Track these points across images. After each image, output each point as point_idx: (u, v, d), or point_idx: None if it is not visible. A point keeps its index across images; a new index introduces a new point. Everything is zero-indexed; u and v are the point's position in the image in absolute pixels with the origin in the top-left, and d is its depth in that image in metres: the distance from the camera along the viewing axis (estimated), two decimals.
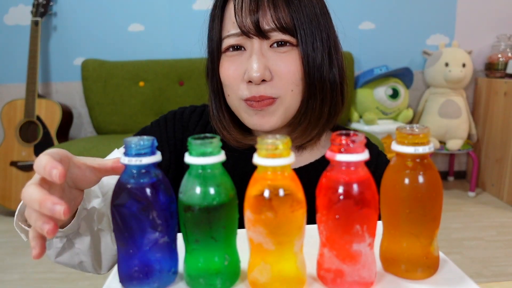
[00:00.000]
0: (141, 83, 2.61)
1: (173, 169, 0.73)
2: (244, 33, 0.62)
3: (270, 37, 0.62)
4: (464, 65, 2.62)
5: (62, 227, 0.58)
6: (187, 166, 0.40)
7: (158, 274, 0.41)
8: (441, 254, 0.45)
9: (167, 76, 2.62)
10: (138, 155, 0.39)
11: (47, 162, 0.44)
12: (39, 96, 2.49)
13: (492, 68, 2.73)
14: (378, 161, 0.72)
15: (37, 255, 0.45)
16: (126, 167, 0.40)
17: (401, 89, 2.65)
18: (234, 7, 0.63)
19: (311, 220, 0.43)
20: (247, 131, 0.71)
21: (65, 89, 2.79)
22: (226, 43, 0.65)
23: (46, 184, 0.47)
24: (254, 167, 0.39)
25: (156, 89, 2.62)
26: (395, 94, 2.63)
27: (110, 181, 0.66)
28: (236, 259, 0.42)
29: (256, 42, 0.63)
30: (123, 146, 0.40)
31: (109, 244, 0.68)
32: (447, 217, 2.43)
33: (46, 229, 0.42)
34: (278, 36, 0.62)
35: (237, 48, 0.65)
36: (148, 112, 2.63)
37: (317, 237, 0.41)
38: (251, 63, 0.62)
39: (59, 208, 0.41)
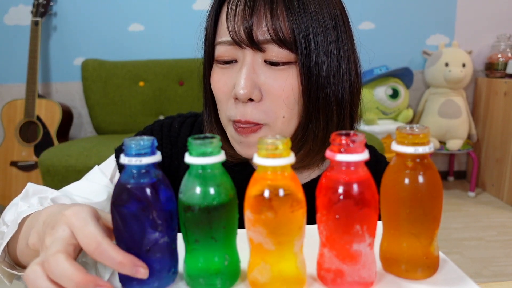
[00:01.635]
0: (141, 83, 2.61)
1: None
2: (236, 42, 0.54)
3: (264, 50, 0.54)
4: (464, 65, 2.62)
5: None
6: (176, 184, 0.40)
7: (158, 274, 0.41)
8: (441, 254, 0.45)
9: (167, 76, 2.62)
10: (138, 155, 0.39)
11: (120, 266, 0.37)
12: (39, 96, 2.49)
13: (492, 68, 2.73)
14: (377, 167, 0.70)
15: None
16: (126, 167, 0.40)
17: (401, 89, 2.65)
18: (227, 11, 0.55)
19: (311, 220, 0.43)
20: None
21: (65, 89, 2.79)
22: (218, 50, 0.58)
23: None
24: (247, 182, 0.39)
25: (156, 89, 2.62)
26: (395, 94, 2.63)
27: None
28: (236, 259, 0.42)
29: (248, 54, 0.55)
30: (120, 150, 0.40)
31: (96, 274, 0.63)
32: (447, 217, 2.43)
33: None
34: (273, 50, 0.54)
35: (230, 62, 0.58)
36: (148, 112, 2.63)
37: (317, 237, 0.41)
38: (239, 78, 0.54)
39: (143, 271, 0.37)
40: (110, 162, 0.70)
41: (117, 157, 0.69)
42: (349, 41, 0.59)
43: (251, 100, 0.55)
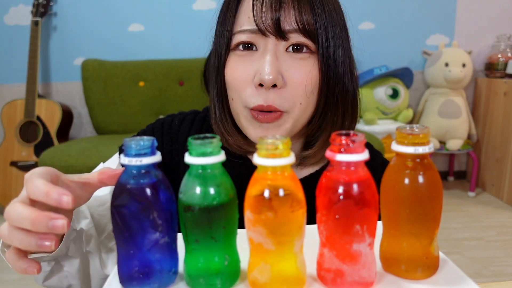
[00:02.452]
0: (141, 83, 2.61)
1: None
2: (261, 30, 0.57)
3: (288, 39, 0.57)
4: (464, 65, 2.62)
5: (50, 251, 0.56)
6: (176, 181, 0.40)
7: (159, 274, 0.41)
8: (441, 254, 0.45)
9: (167, 76, 2.62)
10: (138, 155, 0.39)
11: (49, 188, 0.41)
12: (39, 96, 2.49)
13: (492, 68, 2.73)
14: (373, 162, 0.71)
15: (39, 269, 0.44)
16: (126, 167, 0.40)
17: (401, 89, 2.65)
18: (253, 1, 0.58)
19: (311, 220, 0.43)
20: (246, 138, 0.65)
21: (65, 89, 2.79)
22: (237, 39, 0.59)
23: (33, 203, 0.43)
24: (248, 177, 0.39)
25: (156, 89, 2.62)
26: (395, 94, 2.63)
27: (94, 203, 0.63)
28: (236, 259, 0.42)
29: (271, 42, 0.58)
30: (121, 149, 0.40)
31: (97, 268, 0.64)
32: (447, 217, 2.43)
33: (46, 245, 0.40)
34: (297, 38, 0.58)
35: (248, 47, 0.59)
36: (148, 112, 2.63)
37: (317, 237, 0.41)
38: (264, 64, 0.56)
39: (67, 199, 0.40)
40: (114, 160, 0.71)
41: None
42: (350, 41, 0.64)
43: (274, 86, 0.57)
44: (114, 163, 0.71)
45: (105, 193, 0.66)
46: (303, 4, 0.57)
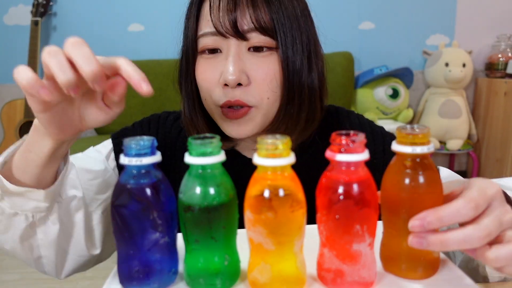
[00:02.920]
0: None
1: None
2: (220, 32, 0.59)
3: (248, 38, 0.59)
4: (464, 65, 2.62)
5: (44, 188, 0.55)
6: (169, 175, 0.40)
7: (159, 275, 0.41)
8: (441, 254, 0.45)
9: (167, 76, 2.61)
10: (138, 155, 0.39)
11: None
12: None
13: (492, 68, 2.73)
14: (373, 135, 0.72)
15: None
16: (126, 167, 0.40)
17: (401, 89, 2.65)
18: (210, 5, 0.60)
19: (311, 220, 0.43)
20: (224, 135, 0.66)
21: None
22: (202, 42, 0.62)
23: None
24: (236, 168, 0.39)
25: (156, 89, 2.60)
26: (395, 94, 2.63)
27: (86, 176, 0.65)
28: (236, 259, 0.42)
29: (233, 43, 0.59)
30: (123, 146, 0.40)
31: (79, 244, 0.63)
32: None
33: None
34: (257, 37, 0.59)
35: (213, 51, 0.61)
36: (148, 112, 2.59)
37: (317, 237, 0.41)
38: (227, 65, 0.58)
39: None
40: (105, 145, 0.74)
41: (114, 143, 0.73)
42: (313, 30, 0.65)
43: (239, 85, 0.59)
44: (105, 147, 0.73)
45: (100, 168, 0.68)
46: (258, 2, 0.58)
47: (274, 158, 0.37)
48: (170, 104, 2.63)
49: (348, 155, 0.38)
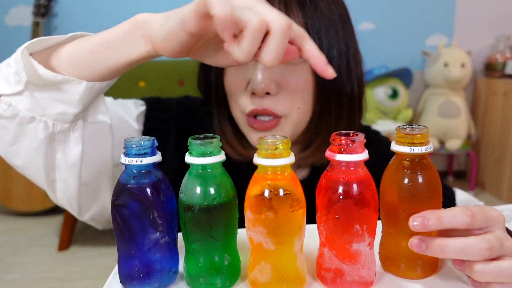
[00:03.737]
0: (141, 83, 2.61)
1: (179, 154, 0.67)
2: None
3: None
4: (463, 65, 2.62)
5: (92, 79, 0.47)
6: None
7: (159, 274, 0.41)
8: None
9: (167, 76, 2.62)
10: (139, 155, 0.39)
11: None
12: None
13: (491, 68, 2.73)
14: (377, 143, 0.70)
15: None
16: (127, 167, 0.40)
17: (401, 89, 2.65)
18: None
19: (311, 220, 0.43)
20: (250, 144, 0.64)
21: None
22: None
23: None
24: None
25: (156, 89, 2.61)
26: (394, 94, 2.63)
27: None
28: (236, 259, 0.42)
29: None
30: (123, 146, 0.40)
31: (108, 176, 0.56)
32: None
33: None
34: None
35: None
36: None
37: (317, 237, 0.41)
38: (256, 73, 0.55)
39: None
40: (138, 104, 0.70)
41: (148, 107, 0.69)
42: (353, 37, 0.61)
43: (267, 94, 0.56)
44: (137, 107, 0.68)
45: (131, 119, 0.65)
46: (292, 6, 0.55)
47: (274, 158, 0.37)
48: None
49: (348, 155, 0.38)
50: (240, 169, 0.59)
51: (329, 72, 0.41)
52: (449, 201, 0.66)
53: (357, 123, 0.63)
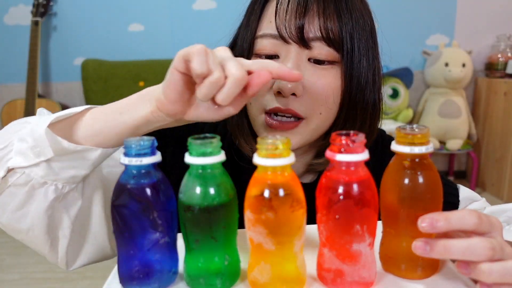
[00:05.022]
0: (141, 83, 2.61)
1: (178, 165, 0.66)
2: (282, 37, 0.55)
3: (311, 47, 0.55)
4: (464, 65, 2.62)
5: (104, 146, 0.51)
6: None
7: (159, 275, 0.41)
8: None
9: None
10: (138, 155, 0.39)
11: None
12: (39, 96, 2.49)
13: (492, 68, 2.73)
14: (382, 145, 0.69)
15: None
16: (126, 167, 0.40)
17: (401, 89, 2.65)
18: (276, 6, 0.56)
19: (311, 220, 0.43)
20: None
21: (65, 89, 2.79)
22: (259, 44, 0.58)
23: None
24: None
25: None
26: (395, 94, 2.63)
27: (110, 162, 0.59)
28: (236, 259, 0.42)
29: (293, 50, 0.55)
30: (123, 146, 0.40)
31: (97, 223, 0.57)
32: None
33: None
34: (320, 48, 0.55)
35: (271, 57, 0.57)
36: None
37: (317, 237, 0.41)
38: None
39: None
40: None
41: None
42: (377, 48, 0.62)
43: (293, 94, 0.56)
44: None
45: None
46: (329, 12, 0.55)
47: (274, 158, 0.37)
48: None
49: (348, 155, 0.38)
50: (248, 170, 0.59)
51: (295, 75, 0.45)
52: (452, 198, 0.67)
53: (375, 133, 0.63)
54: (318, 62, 0.57)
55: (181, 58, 0.43)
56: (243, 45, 0.60)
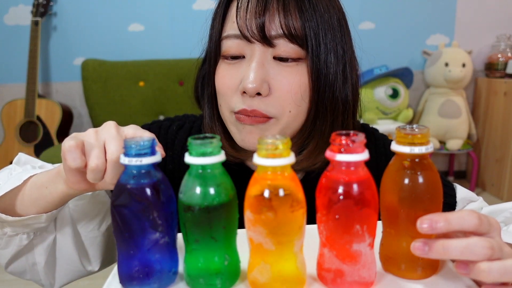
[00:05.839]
0: (141, 83, 2.61)
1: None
2: (245, 36, 0.55)
3: (275, 45, 0.55)
4: (464, 65, 2.62)
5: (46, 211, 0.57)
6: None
7: (159, 275, 0.41)
8: None
9: (167, 76, 2.62)
10: (138, 155, 0.39)
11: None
12: (39, 96, 2.49)
13: (492, 68, 2.73)
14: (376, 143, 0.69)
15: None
16: (126, 167, 0.40)
17: (401, 89, 2.65)
18: (237, 6, 0.56)
19: (311, 220, 0.43)
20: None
21: (65, 89, 2.79)
22: (225, 45, 0.58)
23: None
24: (243, 183, 0.39)
25: (156, 89, 2.62)
26: (395, 94, 2.63)
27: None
28: (236, 259, 0.42)
29: (257, 49, 0.55)
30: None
31: (68, 251, 0.63)
32: None
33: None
34: (284, 45, 0.55)
35: (236, 57, 0.58)
36: (148, 112, 2.63)
37: (317, 237, 0.41)
38: (248, 72, 0.54)
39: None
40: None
41: None
42: (350, 42, 0.61)
43: (258, 94, 0.55)
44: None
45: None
46: (290, 8, 0.54)
47: (274, 158, 0.37)
48: (170, 104, 2.63)
49: (348, 155, 0.38)
50: (230, 170, 0.59)
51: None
52: (449, 198, 0.66)
53: (351, 128, 0.62)
54: (283, 60, 0.56)
55: (62, 155, 0.48)
56: (210, 47, 0.61)
